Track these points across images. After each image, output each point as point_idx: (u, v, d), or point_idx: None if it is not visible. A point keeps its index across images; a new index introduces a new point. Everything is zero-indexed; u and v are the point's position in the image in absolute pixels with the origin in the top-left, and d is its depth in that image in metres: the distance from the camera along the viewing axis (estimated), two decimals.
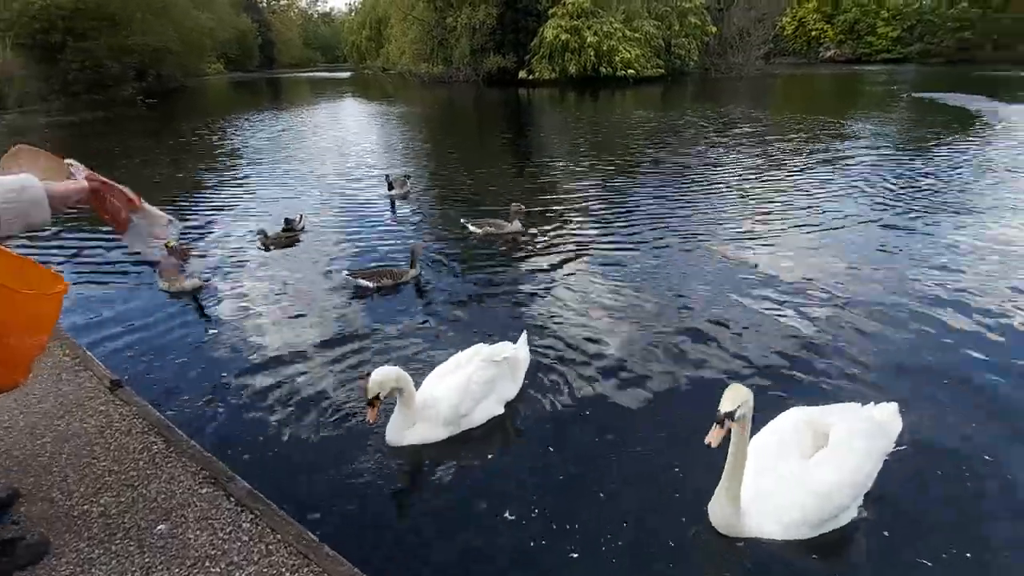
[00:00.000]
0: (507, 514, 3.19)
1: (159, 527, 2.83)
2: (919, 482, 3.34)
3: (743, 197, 9.93)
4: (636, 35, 36.97)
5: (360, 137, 18.24)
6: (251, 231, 8.22)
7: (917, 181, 10.63)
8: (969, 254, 6.99)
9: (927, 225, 8.11)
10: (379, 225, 8.88)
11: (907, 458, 3.33)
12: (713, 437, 2.64)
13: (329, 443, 3.79)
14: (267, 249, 7.70)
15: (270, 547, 2.71)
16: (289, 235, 8.02)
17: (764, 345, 4.95)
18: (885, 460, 3.14)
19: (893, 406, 3.35)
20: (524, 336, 4.41)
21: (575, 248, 7.52)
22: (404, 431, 3.65)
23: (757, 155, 13.46)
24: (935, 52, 48.50)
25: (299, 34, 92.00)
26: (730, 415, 2.66)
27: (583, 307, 5.79)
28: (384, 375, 3.48)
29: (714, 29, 40.48)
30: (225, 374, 4.64)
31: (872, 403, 3.40)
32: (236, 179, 12.38)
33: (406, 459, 3.66)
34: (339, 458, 3.63)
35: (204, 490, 3.06)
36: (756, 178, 11.27)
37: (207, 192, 11.26)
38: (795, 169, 11.93)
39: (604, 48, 35.95)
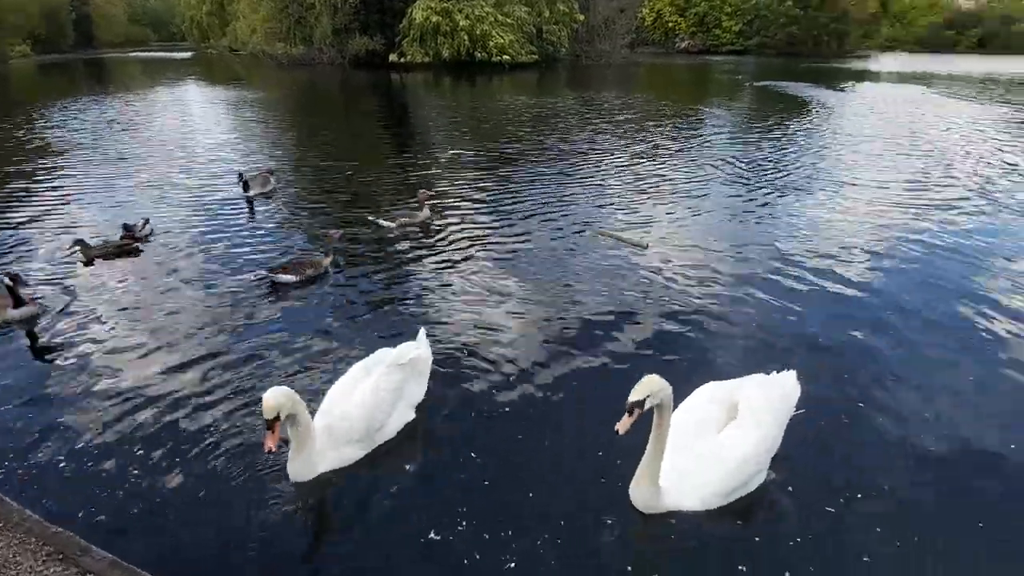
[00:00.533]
0: (433, 534, 2.93)
1: None
2: (818, 440, 3.60)
3: (623, 181, 10.22)
4: (508, 20, 36.80)
5: (210, 127, 15.81)
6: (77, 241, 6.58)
7: (766, 161, 11.73)
8: (821, 226, 7.80)
9: (780, 200, 8.97)
10: (237, 229, 7.62)
11: (806, 419, 3.57)
12: (621, 425, 2.75)
13: (216, 488, 3.18)
14: (89, 263, 6.34)
15: None
16: (124, 244, 6.69)
17: (659, 324, 5.12)
18: (788, 423, 3.37)
19: (792, 373, 3.57)
20: (422, 333, 4.13)
21: (466, 240, 7.24)
22: (310, 461, 3.18)
23: (630, 140, 14.00)
24: (770, 45, 54.29)
25: (123, 8, 79.28)
26: (639, 404, 2.76)
27: (479, 299, 5.59)
28: (281, 394, 2.94)
29: (582, 17, 41.57)
30: (65, 419, 3.74)
31: (774, 372, 3.60)
32: (53, 182, 10.15)
33: (314, 494, 3.19)
34: (230, 506, 3.06)
35: (51, 570, 2.50)
36: (633, 162, 11.66)
37: (18, 200, 9.03)
38: (666, 153, 12.56)
39: (477, 32, 35.40)
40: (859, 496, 3.19)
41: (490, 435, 3.66)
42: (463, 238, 7.26)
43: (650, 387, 2.80)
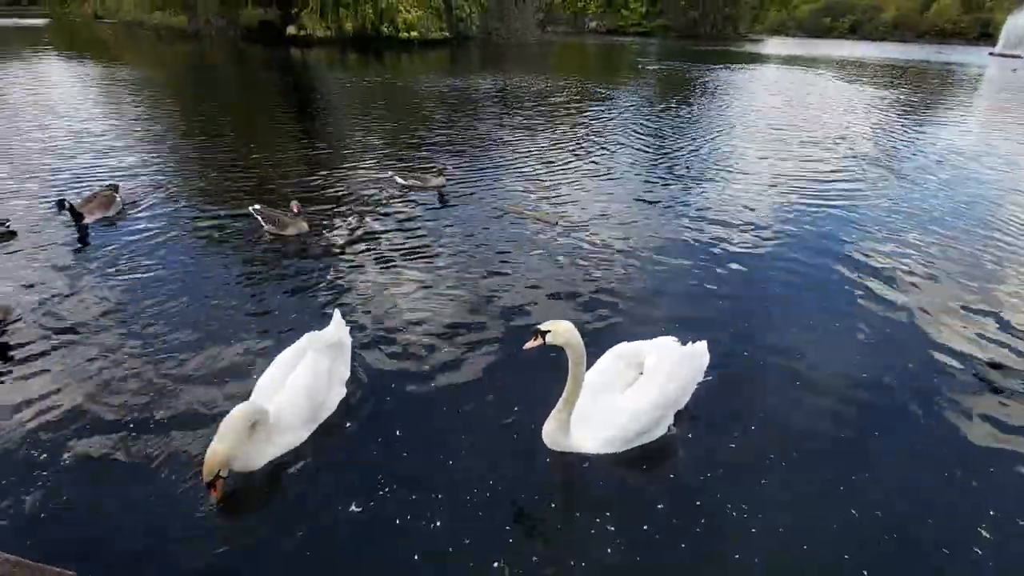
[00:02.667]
0: (357, 506, 2.96)
1: None
2: (723, 404, 3.85)
3: (535, 161, 10.19)
4: None
5: (74, 114, 12.67)
6: None
7: (669, 140, 12.23)
8: (720, 199, 8.21)
9: (682, 176, 9.35)
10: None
11: (714, 385, 3.90)
12: (528, 345, 3.17)
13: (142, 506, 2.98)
14: None
15: None
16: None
17: (571, 294, 5.30)
18: (697, 387, 3.73)
19: (703, 343, 3.90)
20: (337, 315, 4.11)
21: (380, 224, 6.94)
22: (263, 450, 3.26)
23: (543, 121, 14.02)
24: (672, 27, 56.30)
25: None
26: (542, 332, 3.14)
27: (394, 279, 5.48)
28: (220, 453, 2.90)
29: None
30: None
31: (690, 342, 3.88)
32: None
33: (259, 480, 3.18)
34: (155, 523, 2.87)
35: None
36: (545, 143, 11.68)
37: None
38: (577, 133, 12.69)
39: (383, 5, 33.49)
40: (756, 438, 3.57)
41: (410, 405, 3.78)
42: (376, 223, 6.96)
43: (554, 324, 3.15)
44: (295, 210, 6.50)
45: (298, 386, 3.48)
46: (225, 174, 8.74)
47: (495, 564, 2.76)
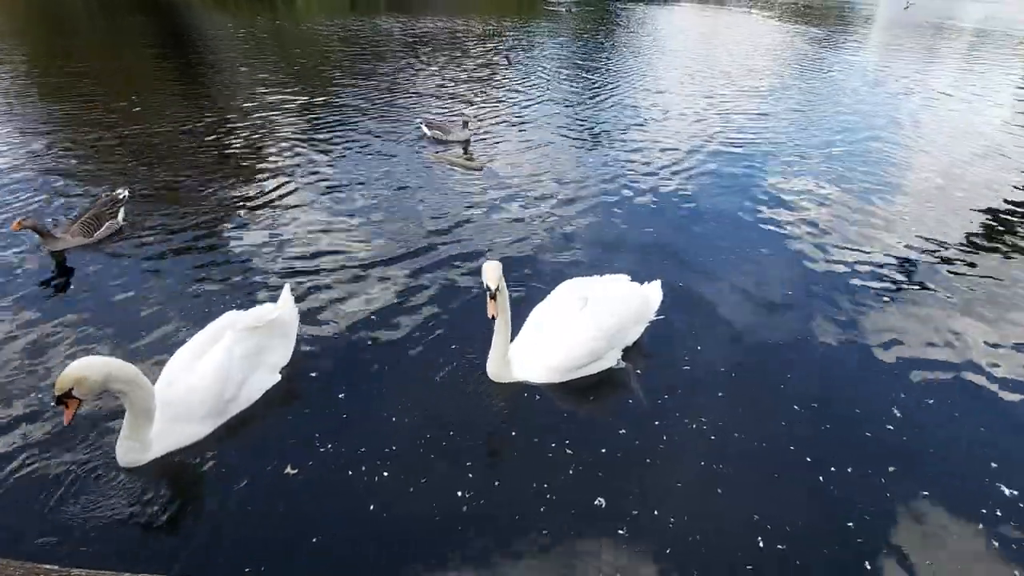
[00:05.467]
0: (291, 469, 2.62)
1: None
2: (674, 341, 3.92)
3: (453, 107, 9.72)
4: None
5: None
6: None
7: (590, 82, 12.17)
8: (640, 140, 8.32)
9: (602, 119, 9.36)
10: None
11: (665, 325, 3.95)
12: (491, 309, 3.07)
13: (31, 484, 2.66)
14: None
15: None
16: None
17: (505, 239, 5.17)
18: (650, 325, 3.81)
19: (656, 283, 3.98)
20: (287, 290, 3.68)
21: (300, 183, 6.35)
22: (146, 444, 2.80)
23: (457, 66, 13.38)
24: None
25: None
26: (497, 289, 3.07)
27: (326, 240, 5.06)
28: (86, 369, 2.51)
29: None
30: None
31: (647, 282, 3.97)
32: None
33: (149, 478, 2.74)
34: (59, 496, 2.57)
35: None
36: (461, 88, 11.19)
37: None
38: (496, 78, 12.21)
39: None
40: (705, 363, 3.70)
41: (359, 373, 3.51)
42: (294, 181, 6.35)
43: (495, 271, 3.10)
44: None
45: (203, 372, 3.01)
46: (92, 148, 7.33)
47: (458, 493, 2.71)
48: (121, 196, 5.15)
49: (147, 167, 6.42)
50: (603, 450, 3.00)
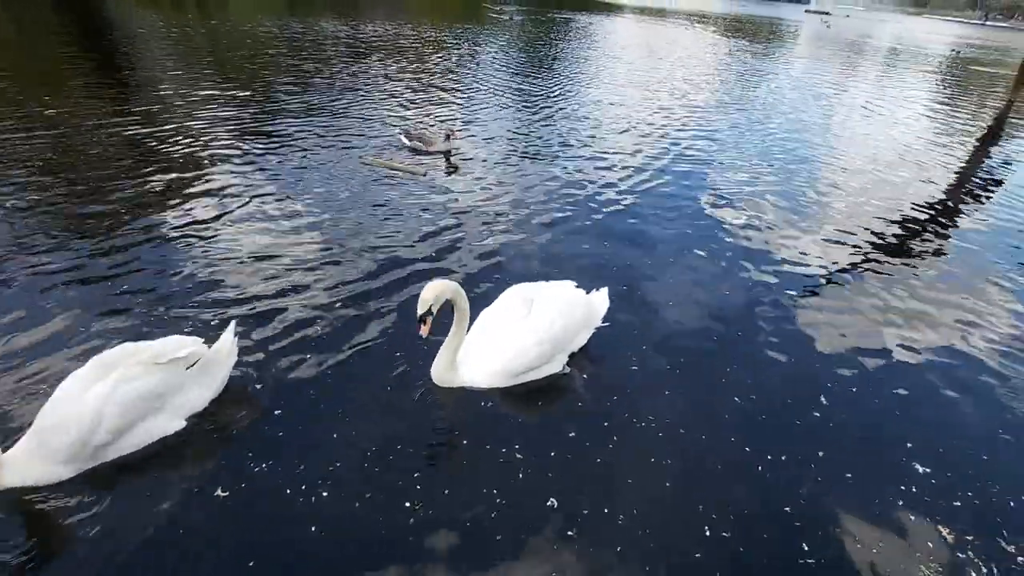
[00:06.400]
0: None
1: None
2: (617, 347, 3.94)
3: (397, 111, 9.61)
4: None
5: None
6: None
7: (537, 89, 12.38)
8: (590, 142, 8.49)
9: (554, 124, 9.53)
10: None
11: (611, 331, 3.98)
12: (423, 331, 3.11)
13: None
14: None
15: None
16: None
17: (453, 245, 5.12)
18: (596, 332, 3.84)
19: (603, 290, 4.02)
20: (231, 328, 3.27)
21: (236, 194, 5.96)
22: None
23: (401, 68, 13.30)
24: None
25: None
26: (428, 313, 3.09)
27: (267, 255, 4.73)
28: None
29: None
30: None
31: (594, 290, 4.00)
32: None
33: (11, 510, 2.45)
34: None
35: None
36: (406, 91, 11.08)
37: None
38: (439, 81, 12.21)
39: None
40: (648, 364, 3.76)
41: (294, 390, 3.27)
42: (229, 192, 5.95)
43: (433, 292, 3.09)
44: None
45: (78, 411, 2.58)
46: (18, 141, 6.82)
47: (406, 504, 2.62)
48: None
49: (51, 175, 5.86)
50: (552, 453, 2.98)
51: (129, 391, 2.70)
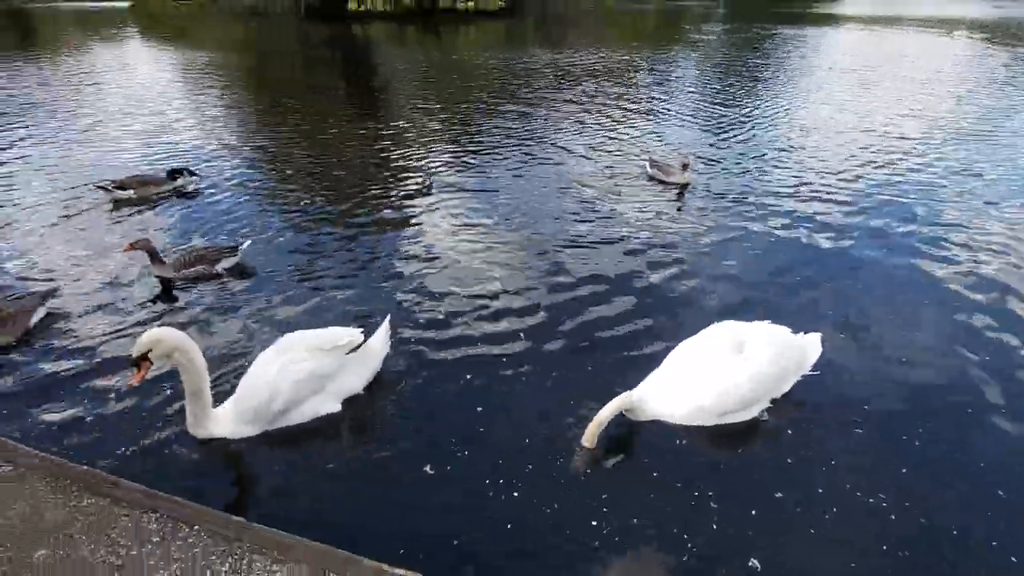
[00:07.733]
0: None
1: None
2: (824, 399, 3.64)
3: (606, 138, 10.08)
4: None
5: (158, 99, 12.72)
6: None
7: (741, 115, 11.91)
8: (812, 177, 7.93)
9: (766, 155, 9.15)
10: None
11: (819, 380, 3.71)
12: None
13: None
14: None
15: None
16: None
17: (673, 278, 5.16)
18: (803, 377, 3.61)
19: (816, 335, 3.79)
20: (386, 324, 3.81)
21: (455, 214, 6.75)
22: (206, 421, 3.21)
23: (609, 95, 13.84)
24: None
25: None
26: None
27: (474, 275, 5.22)
28: (159, 335, 3.01)
29: None
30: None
31: (803, 333, 3.78)
32: None
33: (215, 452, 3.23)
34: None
35: (85, 502, 2.60)
36: (622, 119, 11.51)
37: None
38: (634, 107, 12.55)
39: None
40: (849, 432, 3.34)
41: (442, 397, 3.63)
42: (452, 212, 6.77)
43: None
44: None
45: (265, 378, 3.26)
46: (297, 162, 8.97)
47: (592, 523, 2.73)
48: (237, 245, 5.24)
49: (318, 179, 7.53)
50: (752, 511, 2.84)
51: (299, 371, 3.30)
